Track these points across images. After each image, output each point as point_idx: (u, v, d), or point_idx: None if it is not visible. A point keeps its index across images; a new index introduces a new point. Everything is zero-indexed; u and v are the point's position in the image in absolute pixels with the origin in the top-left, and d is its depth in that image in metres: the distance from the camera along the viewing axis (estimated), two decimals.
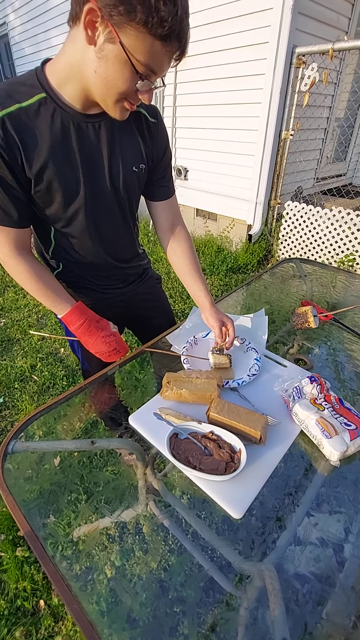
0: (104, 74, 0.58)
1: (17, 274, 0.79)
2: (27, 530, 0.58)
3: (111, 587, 0.54)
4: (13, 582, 1.08)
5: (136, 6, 0.49)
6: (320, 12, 2.72)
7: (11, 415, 1.80)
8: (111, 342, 0.84)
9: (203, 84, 3.14)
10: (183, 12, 0.52)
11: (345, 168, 4.05)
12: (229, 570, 0.55)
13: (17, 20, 5.37)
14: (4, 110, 0.61)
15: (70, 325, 0.83)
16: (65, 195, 0.74)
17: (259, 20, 2.57)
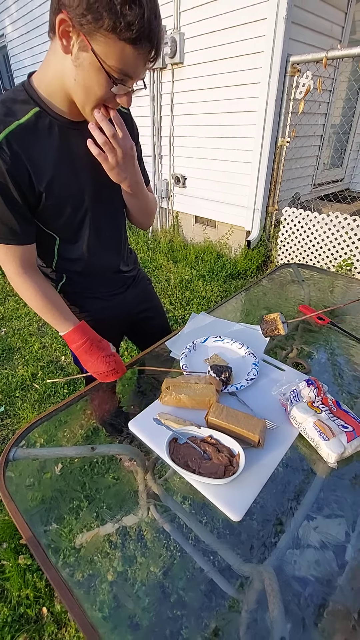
0: (82, 82, 0.60)
1: (24, 292, 0.80)
2: (29, 537, 0.59)
3: (114, 593, 0.55)
4: (16, 590, 1.08)
5: (102, 13, 0.51)
6: (313, 22, 2.78)
7: (12, 423, 1.80)
8: (110, 362, 0.83)
9: (199, 93, 3.20)
10: (150, 13, 0.53)
11: (342, 174, 4.10)
12: (229, 573, 0.55)
13: (15, 32, 5.48)
14: (6, 130, 0.63)
15: (71, 343, 0.84)
16: (73, 203, 0.77)
17: (253, 31, 2.63)
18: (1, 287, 3.20)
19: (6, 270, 0.78)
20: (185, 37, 3.11)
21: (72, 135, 0.72)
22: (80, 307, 0.97)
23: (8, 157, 0.64)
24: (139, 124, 0.92)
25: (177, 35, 3.09)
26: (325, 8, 2.83)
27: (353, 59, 2.54)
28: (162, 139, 3.79)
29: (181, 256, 3.66)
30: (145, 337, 1.10)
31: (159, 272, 3.38)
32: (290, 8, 2.42)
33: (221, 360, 0.93)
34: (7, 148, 0.63)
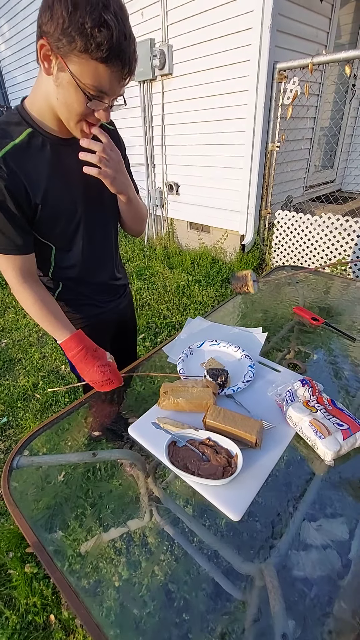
0: (63, 99, 0.66)
1: (23, 301, 0.84)
2: (34, 542, 0.60)
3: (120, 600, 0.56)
4: (23, 598, 1.09)
5: (75, 37, 0.56)
6: (298, 29, 2.85)
7: (15, 434, 1.81)
8: (105, 372, 0.84)
9: (190, 102, 3.26)
10: (120, 33, 0.57)
11: (334, 175, 4.15)
12: (233, 574, 0.56)
13: (8, 50, 5.59)
14: (3, 150, 0.69)
15: (68, 351, 0.85)
16: (67, 214, 0.83)
17: (239, 40, 2.69)
18: (0, 299, 3.23)
19: (7, 279, 0.82)
20: (173, 49, 3.18)
21: (63, 151, 0.78)
22: (77, 313, 1.02)
23: (6, 174, 0.69)
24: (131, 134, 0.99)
25: (165, 48, 3.16)
26: (310, 15, 2.90)
27: (339, 64, 2.60)
28: (154, 148, 3.85)
29: (177, 262, 3.70)
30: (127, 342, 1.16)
31: (156, 278, 3.41)
32: (275, 17, 2.48)
33: (217, 364, 0.95)
34: (4, 166, 0.69)
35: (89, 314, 1.04)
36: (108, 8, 0.56)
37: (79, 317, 1.02)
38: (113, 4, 0.57)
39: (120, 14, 0.58)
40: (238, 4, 2.60)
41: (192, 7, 2.88)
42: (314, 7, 2.91)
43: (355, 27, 3.60)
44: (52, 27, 0.57)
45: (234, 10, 2.64)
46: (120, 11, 0.58)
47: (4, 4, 5.13)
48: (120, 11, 0.58)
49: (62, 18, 0.56)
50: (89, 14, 0.55)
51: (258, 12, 2.50)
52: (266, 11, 2.46)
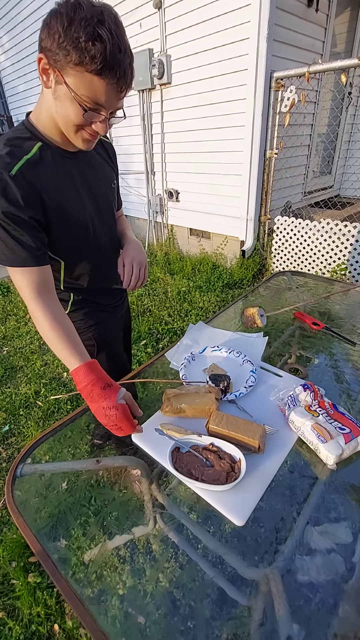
0: (61, 111, 0.68)
1: (35, 319, 0.78)
2: (38, 550, 0.60)
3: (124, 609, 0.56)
4: (27, 608, 1.08)
5: (70, 50, 0.59)
6: (294, 38, 2.90)
7: (17, 442, 1.81)
8: (111, 416, 0.69)
9: (188, 110, 3.31)
10: (114, 47, 0.59)
11: (332, 181, 4.19)
12: (238, 580, 0.56)
13: (8, 61, 5.69)
14: (19, 164, 0.71)
15: (77, 384, 0.75)
16: (79, 223, 0.86)
17: (237, 50, 2.74)
18: (2, 307, 3.24)
19: (22, 295, 0.78)
20: (172, 59, 3.23)
21: (71, 164, 0.81)
22: (90, 320, 1.04)
23: (22, 186, 0.71)
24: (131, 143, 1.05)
25: (164, 57, 3.21)
26: (306, 25, 2.96)
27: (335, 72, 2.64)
28: (154, 156, 3.89)
29: (178, 268, 3.72)
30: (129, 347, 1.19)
31: (157, 285, 3.42)
32: (271, 27, 2.53)
33: (220, 370, 0.96)
34: (21, 178, 0.71)
35: (99, 320, 1.06)
36: (102, 23, 0.58)
37: (92, 324, 1.05)
38: (108, 19, 0.59)
39: (115, 29, 0.60)
40: (235, 15, 2.65)
41: (190, 18, 2.94)
42: (309, 17, 2.97)
43: (350, 36, 3.66)
44: (50, 42, 0.60)
45: (231, 20, 2.69)
46: (116, 27, 0.60)
47: (3, 15, 5.24)
48: (116, 27, 0.60)
49: (57, 33, 0.59)
50: (83, 28, 0.57)
51: (255, 23, 2.55)
52: (263, 21, 2.51)
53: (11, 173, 0.70)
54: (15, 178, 0.70)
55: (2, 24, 5.36)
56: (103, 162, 0.93)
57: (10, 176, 0.70)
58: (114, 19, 0.60)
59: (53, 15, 0.60)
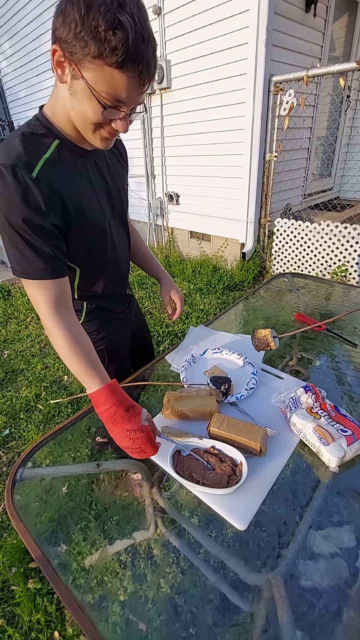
0: (77, 108, 0.62)
1: (52, 337, 0.73)
2: (38, 556, 0.60)
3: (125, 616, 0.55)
4: (26, 615, 1.07)
5: (88, 41, 0.52)
6: (293, 43, 2.92)
7: (18, 446, 1.80)
8: (136, 439, 0.66)
9: (188, 115, 3.33)
10: (137, 35, 0.52)
11: (331, 183, 4.20)
12: (240, 586, 0.56)
13: (9, 67, 5.75)
14: (39, 164, 0.65)
15: (95, 406, 0.70)
16: (98, 227, 0.81)
17: (236, 55, 2.76)
18: (3, 310, 3.25)
19: (37, 309, 0.73)
20: (171, 64, 3.26)
21: (87, 162, 0.76)
22: (101, 331, 1.00)
23: (45, 188, 0.65)
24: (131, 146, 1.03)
25: (164, 62, 3.24)
26: (304, 30, 2.98)
27: (333, 76, 2.65)
28: (154, 160, 3.91)
29: (178, 271, 3.72)
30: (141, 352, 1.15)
31: (157, 287, 3.42)
32: (269, 32, 2.55)
33: (220, 372, 0.95)
34: (43, 180, 0.65)
35: (112, 330, 1.02)
36: (124, 8, 0.51)
37: (104, 336, 1.01)
38: (130, 3, 0.52)
39: (138, 14, 0.53)
40: (234, 20, 2.68)
41: (189, 23, 2.96)
42: (307, 22, 2.99)
43: (348, 40, 3.69)
44: (65, 32, 0.53)
45: (230, 26, 2.71)
46: (138, 11, 0.53)
47: (4, 22, 5.31)
48: (138, 11, 0.53)
49: (74, 22, 0.52)
50: (102, 15, 0.50)
51: (253, 28, 2.57)
52: (261, 27, 2.53)
53: (32, 175, 0.63)
54: (37, 181, 0.63)
55: (4, 31, 5.42)
56: (116, 161, 0.87)
57: (32, 178, 0.63)
58: (136, 2, 0.53)
59: (69, 0, 0.53)
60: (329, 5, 3.15)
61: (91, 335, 0.98)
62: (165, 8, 3.08)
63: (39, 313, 0.73)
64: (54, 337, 0.72)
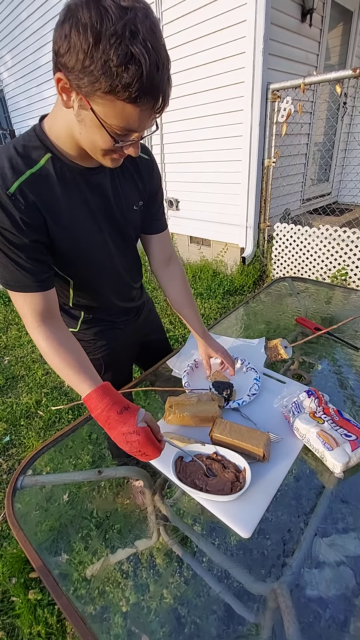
0: (86, 136, 0.60)
1: (39, 347, 0.72)
2: (39, 566, 0.58)
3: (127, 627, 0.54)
4: (27, 627, 1.05)
5: (99, 77, 0.48)
6: (289, 52, 2.97)
7: (18, 453, 1.79)
8: (133, 442, 0.63)
9: (187, 122, 3.37)
10: (151, 67, 0.48)
11: (329, 188, 4.23)
12: (244, 596, 0.54)
13: (11, 77, 5.85)
14: (20, 179, 0.62)
15: (91, 411, 0.67)
16: (89, 245, 0.77)
17: (233, 63, 2.80)
18: (4, 316, 3.25)
19: (24, 321, 0.72)
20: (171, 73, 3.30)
21: (85, 180, 0.72)
22: (99, 339, 0.98)
23: (22, 205, 0.63)
24: None
25: None
26: (300, 39, 3.03)
27: (329, 83, 2.69)
28: None
29: None
30: (150, 358, 1.12)
31: (158, 292, 3.43)
32: (266, 42, 2.59)
33: (222, 377, 0.95)
34: (21, 197, 0.63)
35: (111, 339, 1.00)
36: (136, 37, 0.46)
37: (102, 345, 0.99)
38: (142, 28, 0.47)
39: (152, 39, 0.48)
40: (231, 31, 2.72)
41: (187, 33, 3.01)
42: (303, 32, 3.04)
43: (344, 49, 3.74)
44: (72, 62, 0.49)
45: (227, 36, 2.76)
46: (152, 35, 0.48)
47: (6, 34, 5.41)
48: (152, 35, 0.48)
49: (82, 53, 0.47)
50: (113, 48, 0.46)
51: (250, 38, 2.61)
52: (258, 37, 2.58)
53: (9, 191, 0.61)
54: (13, 197, 0.61)
55: (6, 42, 5.52)
56: (127, 178, 0.81)
57: (8, 195, 0.61)
58: (149, 25, 0.48)
59: (73, 25, 0.47)
60: (324, 15, 3.21)
61: (88, 344, 0.97)
62: (164, 19, 3.14)
63: (25, 323, 0.72)
64: (41, 347, 0.71)
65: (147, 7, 0.49)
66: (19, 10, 4.84)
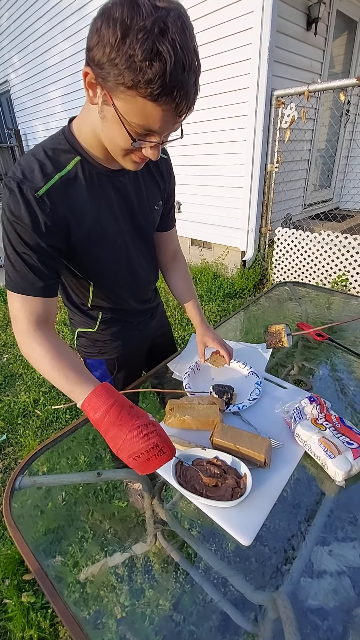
0: (107, 133, 0.60)
1: (31, 352, 0.67)
2: (36, 568, 0.57)
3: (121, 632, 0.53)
4: (19, 631, 1.03)
5: (122, 71, 0.48)
6: (294, 59, 2.99)
7: (14, 452, 1.77)
8: (151, 434, 0.56)
9: (191, 126, 3.38)
10: (176, 65, 0.48)
11: (331, 194, 4.25)
12: (242, 604, 0.54)
13: (17, 78, 5.90)
14: (49, 183, 0.62)
15: (92, 412, 0.59)
16: (110, 248, 0.77)
17: (239, 69, 2.82)
18: (4, 314, 3.23)
19: (16, 325, 0.68)
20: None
21: (110, 183, 0.72)
22: (116, 339, 0.98)
23: (48, 209, 0.63)
24: None
25: None
26: (305, 47, 3.06)
27: (334, 91, 2.71)
28: None
29: None
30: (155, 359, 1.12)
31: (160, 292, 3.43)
32: (272, 49, 2.61)
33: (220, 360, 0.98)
34: (48, 200, 0.62)
35: (127, 340, 1.00)
36: (165, 34, 0.46)
37: (118, 345, 0.98)
38: (173, 27, 0.47)
39: (181, 39, 0.47)
40: (237, 37, 2.74)
41: None
42: (308, 40, 3.07)
43: (348, 58, 3.78)
44: (99, 55, 0.49)
45: (233, 42, 2.78)
46: (182, 35, 0.48)
47: (15, 37, 5.45)
48: (182, 35, 0.48)
49: (109, 46, 0.47)
50: (140, 43, 0.46)
51: (256, 45, 2.63)
52: (264, 44, 2.60)
53: (37, 194, 0.61)
54: (40, 200, 0.61)
55: (14, 44, 5.58)
56: (150, 179, 0.81)
57: (36, 197, 0.61)
58: (180, 25, 0.48)
59: (105, 19, 0.48)
60: (329, 25, 3.24)
61: (105, 344, 0.97)
62: None
63: (15, 328, 0.68)
64: (32, 352, 0.66)
65: (181, 9, 0.49)
66: (28, 13, 4.89)
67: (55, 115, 5.25)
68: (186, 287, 1.06)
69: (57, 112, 5.17)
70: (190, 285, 1.07)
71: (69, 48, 4.41)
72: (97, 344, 0.97)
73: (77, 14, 4.07)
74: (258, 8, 2.53)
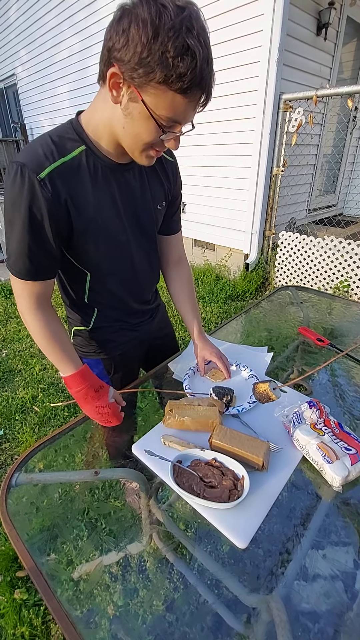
0: (131, 129, 0.61)
1: (32, 328, 0.77)
2: (30, 566, 0.57)
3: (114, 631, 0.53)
4: (11, 628, 1.03)
5: (155, 67, 0.50)
6: (303, 64, 2.99)
7: (11, 448, 1.77)
8: (104, 413, 0.80)
9: (198, 127, 3.38)
10: (203, 61, 0.51)
11: (336, 199, 4.25)
12: (236, 606, 0.54)
13: (25, 72, 5.90)
14: (51, 166, 0.63)
15: (69, 388, 0.80)
16: (111, 241, 0.77)
17: (247, 72, 2.82)
18: (4, 309, 3.24)
19: (19, 304, 0.76)
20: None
21: (115, 176, 0.73)
22: (113, 339, 0.97)
23: (50, 194, 0.63)
24: None
25: None
26: (314, 52, 3.06)
27: (341, 96, 2.71)
28: None
29: None
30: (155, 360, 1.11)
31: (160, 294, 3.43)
32: (281, 52, 2.61)
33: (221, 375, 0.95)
34: (49, 184, 0.63)
35: (123, 339, 0.98)
36: (191, 31, 0.50)
37: (114, 344, 0.97)
38: (197, 25, 0.50)
39: (204, 35, 0.52)
40: (247, 39, 2.74)
41: None
42: (318, 45, 3.07)
43: (357, 64, 3.78)
44: (128, 55, 0.51)
45: (242, 44, 2.78)
46: (204, 32, 0.52)
47: (23, 30, 5.45)
48: (204, 32, 0.52)
49: (140, 46, 0.50)
50: (172, 40, 0.49)
51: (266, 48, 2.63)
52: (273, 47, 2.60)
53: (39, 177, 0.61)
54: (42, 183, 0.62)
55: (22, 38, 5.58)
56: (155, 178, 0.82)
57: (38, 180, 0.61)
58: (201, 22, 0.52)
59: (133, 21, 0.50)
60: (339, 30, 3.24)
61: (101, 344, 0.95)
62: None
63: (18, 306, 0.76)
64: (33, 328, 0.77)
65: (198, 9, 0.54)
66: (37, 7, 4.89)
67: (62, 110, 5.24)
68: (186, 296, 1.04)
69: (64, 108, 5.17)
70: (191, 295, 1.05)
71: (77, 43, 4.40)
72: (93, 344, 0.95)
73: (87, 9, 4.06)
74: (269, 11, 2.53)
